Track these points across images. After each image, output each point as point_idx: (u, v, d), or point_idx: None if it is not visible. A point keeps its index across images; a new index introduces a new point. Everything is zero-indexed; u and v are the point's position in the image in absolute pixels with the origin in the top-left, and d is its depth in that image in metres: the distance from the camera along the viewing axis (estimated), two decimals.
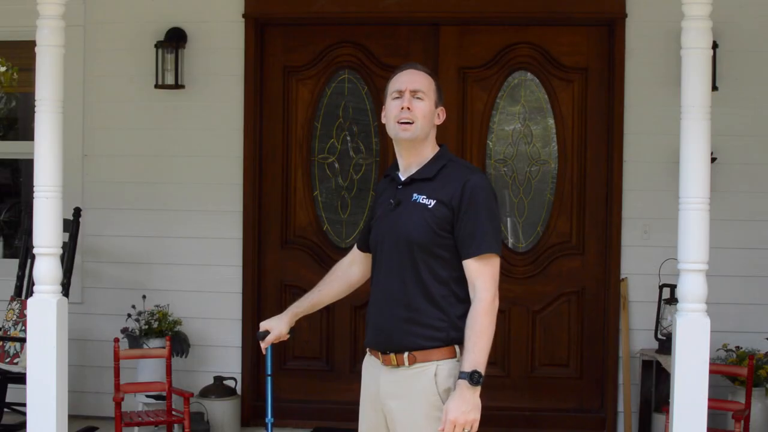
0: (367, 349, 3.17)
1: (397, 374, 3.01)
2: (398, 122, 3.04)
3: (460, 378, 2.87)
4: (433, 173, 3.06)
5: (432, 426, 2.94)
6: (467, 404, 2.84)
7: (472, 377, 2.85)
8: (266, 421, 3.35)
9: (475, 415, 2.84)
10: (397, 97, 3.06)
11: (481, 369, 2.87)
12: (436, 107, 3.10)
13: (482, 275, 2.94)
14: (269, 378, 3.33)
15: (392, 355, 3.00)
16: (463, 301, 3.01)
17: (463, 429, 2.83)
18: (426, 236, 2.97)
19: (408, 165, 3.11)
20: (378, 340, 3.06)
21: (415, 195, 3.03)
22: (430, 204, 2.99)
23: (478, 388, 2.86)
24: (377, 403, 3.08)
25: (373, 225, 3.18)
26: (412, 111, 3.03)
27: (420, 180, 3.06)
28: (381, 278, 3.06)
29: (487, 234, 2.96)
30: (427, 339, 2.96)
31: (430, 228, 2.97)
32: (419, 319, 2.96)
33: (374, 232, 3.15)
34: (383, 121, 3.14)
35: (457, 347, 3.00)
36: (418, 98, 3.04)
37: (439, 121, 3.12)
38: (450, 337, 2.98)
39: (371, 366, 3.13)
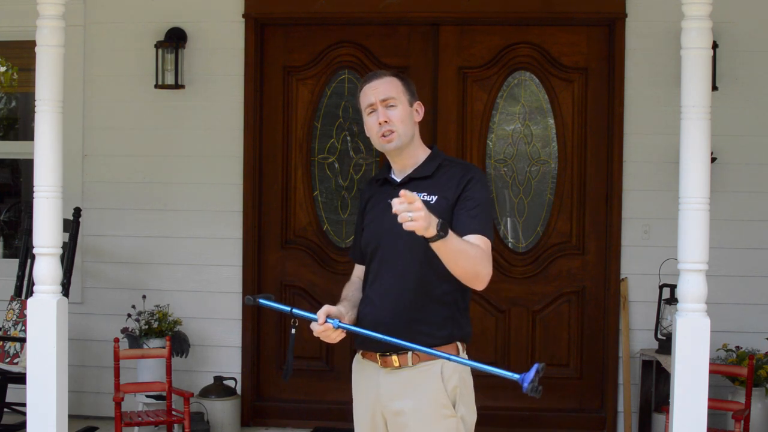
0: (359, 352, 3.13)
1: (400, 375, 2.99)
2: (381, 136, 3.05)
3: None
4: (431, 171, 3.07)
5: (443, 425, 2.94)
6: (427, 217, 2.61)
7: (443, 227, 2.66)
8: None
9: (419, 222, 2.59)
10: (372, 111, 3.06)
11: (446, 237, 2.68)
12: (411, 105, 3.09)
13: (481, 244, 2.88)
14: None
15: (393, 356, 2.98)
16: (466, 298, 3.03)
17: (404, 213, 2.60)
18: None
19: (402, 167, 3.12)
20: (375, 342, 3.00)
21: (416, 193, 3.02)
22: (432, 200, 2.99)
23: (433, 233, 2.64)
24: (376, 407, 3.05)
25: (368, 226, 3.15)
26: (390, 122, 3.03)
27: (419, 178, 3.06)
28: (381, 278, 3.02)
29: (486, 219, 2.95)
30: (431, 337, 2.94)
31: None
32: (423, 318, 2.96)
33: (371, 232, 3.12)
34: (367, 135, 3.13)
35: (459, 344, 3.01)
36: (390, 106, 3.04)
37: (419, 117, 3.12)
38: (452, 334, 2.99)
39: (365, 369, 3.10)
